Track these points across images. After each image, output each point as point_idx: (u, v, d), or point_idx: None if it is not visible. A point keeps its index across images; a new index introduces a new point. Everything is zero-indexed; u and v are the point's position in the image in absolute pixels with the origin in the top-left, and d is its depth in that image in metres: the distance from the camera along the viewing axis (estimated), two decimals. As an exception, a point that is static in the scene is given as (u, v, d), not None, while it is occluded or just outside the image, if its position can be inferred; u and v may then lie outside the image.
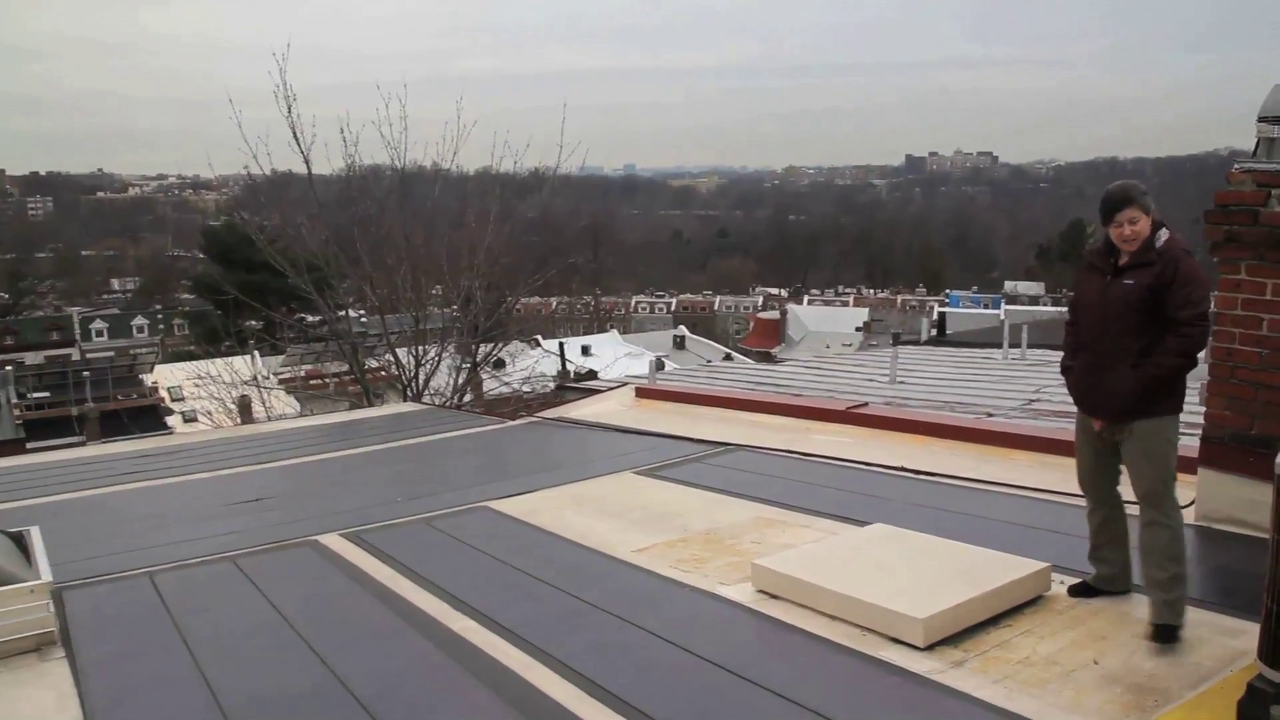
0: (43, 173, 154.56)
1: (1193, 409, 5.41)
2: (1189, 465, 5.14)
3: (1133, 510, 3.99)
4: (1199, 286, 3.69)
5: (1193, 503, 5.00)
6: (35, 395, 34.25)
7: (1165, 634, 3.70)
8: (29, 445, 24.29)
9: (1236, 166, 4.65)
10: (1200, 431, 5.01)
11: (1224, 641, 3.61)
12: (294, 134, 14.42)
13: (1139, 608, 3.92)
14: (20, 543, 4.60)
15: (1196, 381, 5.09)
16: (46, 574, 4.21)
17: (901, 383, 10.97)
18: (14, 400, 33.76)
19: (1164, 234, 3.75)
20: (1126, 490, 3.94)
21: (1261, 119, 4.61)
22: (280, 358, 27.22)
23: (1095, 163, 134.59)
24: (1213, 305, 4.76)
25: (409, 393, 14.65)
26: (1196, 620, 3.79)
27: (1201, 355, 4.97)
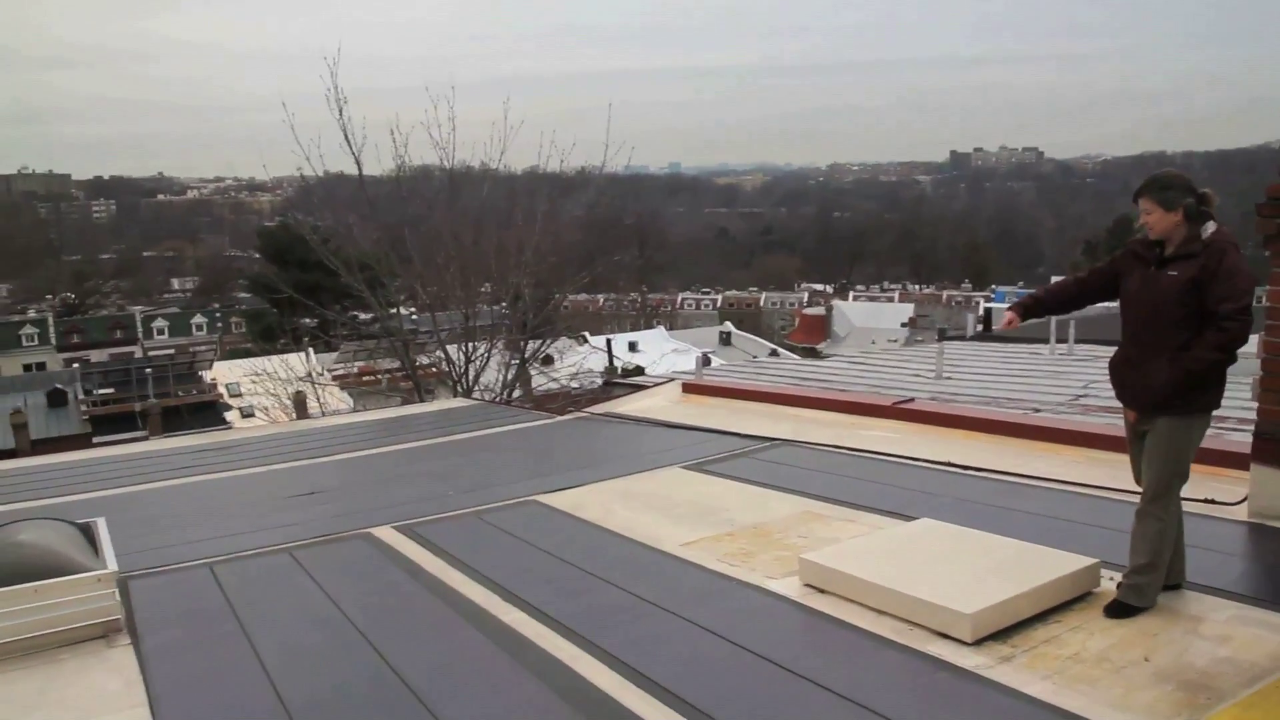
0: (105, 177, 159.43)
1: (1249, 405, 5.32)
2: (1242, 461, 5.06)
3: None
4: (1242, 280, 3.60)
5: (1246, 499, 4.92)
6: (100, 392, 35.39)
7: (1116, 609, 3.81)
8: (95, 440, 25.09)
9: (1290, 158, 4.54)
10: (1254, 427, 4.91)
11: (1279, 640, 3.55)
12: (345, 136, 14.75)
13: (1191, 605, 3.88)
14: (88, 533, 4.77)
15: (1249, 378, 5.00)
16: (112, 564, 4.34)
17: (948, 378, 10.88)
18: (81, 397, 34.86)
19: (1211, 226, 3.69)
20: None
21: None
22: (334, 355, 27.68)
23: (1143, 157, 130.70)
24: (1265, 300, 4.66)
25: (459, 388, 14.85)
26: (1251, 618, 3.73)
27: (1254, 350, 4.89)
